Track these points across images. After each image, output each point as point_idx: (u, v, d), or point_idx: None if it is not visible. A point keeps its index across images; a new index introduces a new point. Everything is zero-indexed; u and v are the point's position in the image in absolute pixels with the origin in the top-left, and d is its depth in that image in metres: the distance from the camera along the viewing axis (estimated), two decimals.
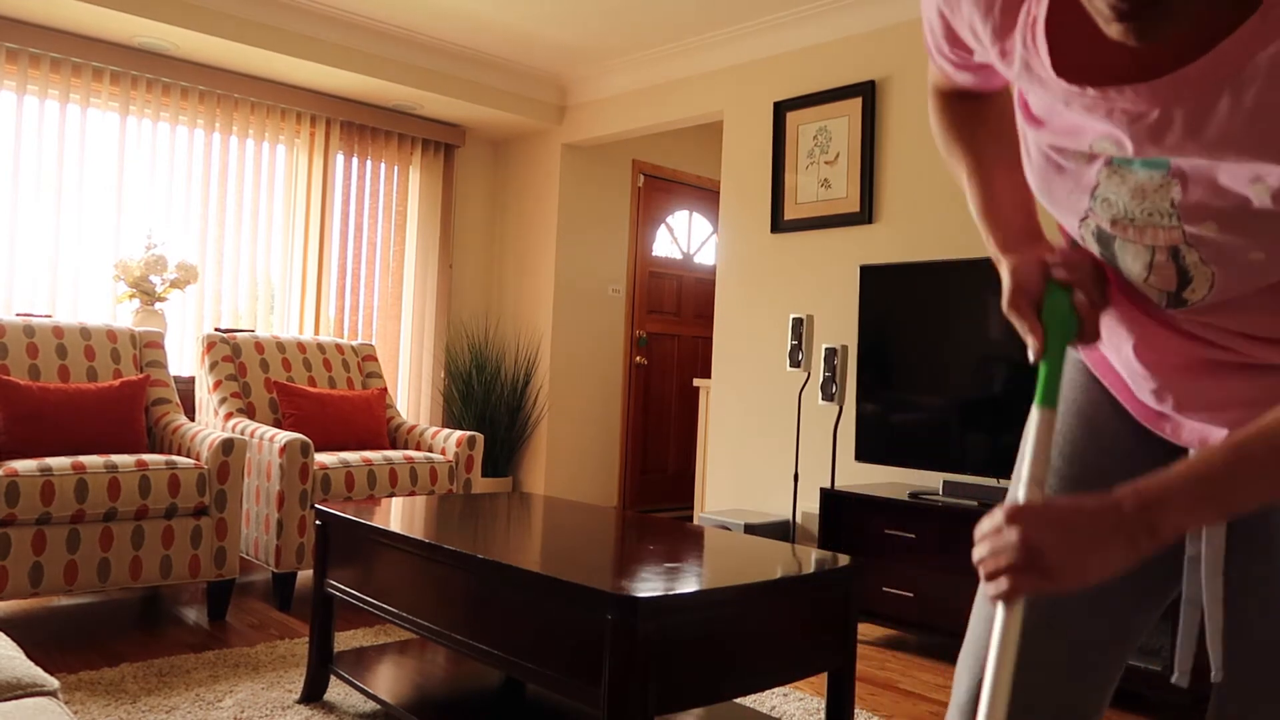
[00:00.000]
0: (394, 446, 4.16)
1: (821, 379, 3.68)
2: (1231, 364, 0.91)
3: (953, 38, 0.96)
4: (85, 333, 3.58)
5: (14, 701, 1.15)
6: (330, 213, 5.12)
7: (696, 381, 4.95)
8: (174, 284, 4.25)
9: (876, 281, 3.64)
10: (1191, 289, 0.87)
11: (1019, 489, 0.93)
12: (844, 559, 2.09)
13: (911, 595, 3.25)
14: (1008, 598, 0.84)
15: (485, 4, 4.40)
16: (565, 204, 5.60)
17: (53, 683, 1.23)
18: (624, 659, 1.66)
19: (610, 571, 1.97)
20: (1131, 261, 0.89)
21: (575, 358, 5.68)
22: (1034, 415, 0.94)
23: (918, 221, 3.90)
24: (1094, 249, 0.93)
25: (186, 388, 4.21)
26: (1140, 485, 0.81)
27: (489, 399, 5.49)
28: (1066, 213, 0.92)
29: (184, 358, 4.63)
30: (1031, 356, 0.95)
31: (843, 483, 4.01)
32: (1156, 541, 0.80)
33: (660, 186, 6.15)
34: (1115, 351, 1.01)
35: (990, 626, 1.04)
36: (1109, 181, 0.86)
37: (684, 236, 6.32)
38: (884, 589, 3.32)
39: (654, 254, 6.12)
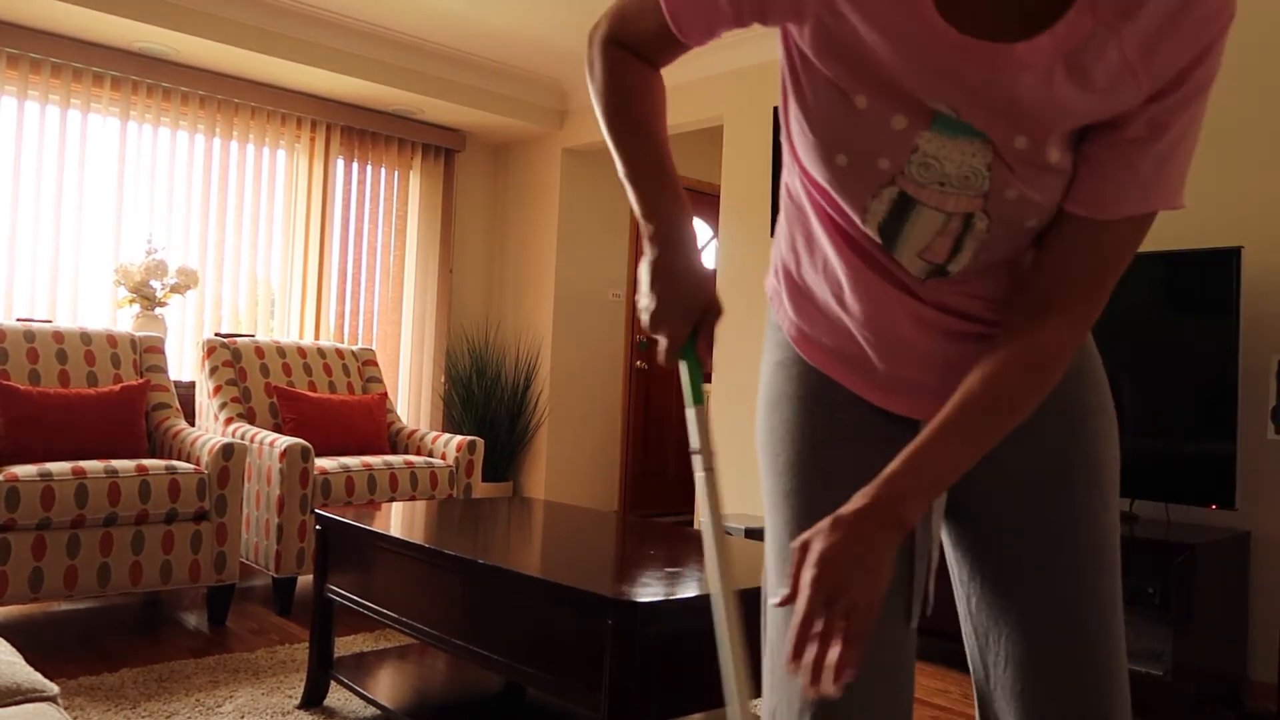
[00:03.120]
0: (394, 451, 4.16)
1: None
2: (944, 329, 0.99)
3: None
4: (85, 337, 3.58)
5: (14, 707, 1.15)
6: (330, 218, 5.13)
7: None
8: (174, 289, 4.25)
9: None
10: (956, 260, 0.95)
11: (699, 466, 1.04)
12: None
13: None
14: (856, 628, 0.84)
15: (485, 9, 4.41)
16: (566, 209, 5.61)
17: (53, 688, 1.22)
18: (625, 664, 1.65)
19: (611, 576, 1.96)
20: (920, 231, 0.94)
21: (576, 362, 5.68)
22: (692, 415, 1.04)
23: None
24: (877, 217, 0.94)
25: (187, 392, 4.21)
26: (879, 487, 0.87)
27: (489, 403, 5.49)
28: (855, 175, 0.93)
29: (184, 363, 4.62)
30: (660, 358, 1.04)
31: None
32: (907, 529, 0.87)
33: None
34: (854, 334, 1.05)
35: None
36: (932, 144, 0.89)
37: None
38: None
39: None
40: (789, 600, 0.85)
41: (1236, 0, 0.83)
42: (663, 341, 1.03)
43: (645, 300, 1.03)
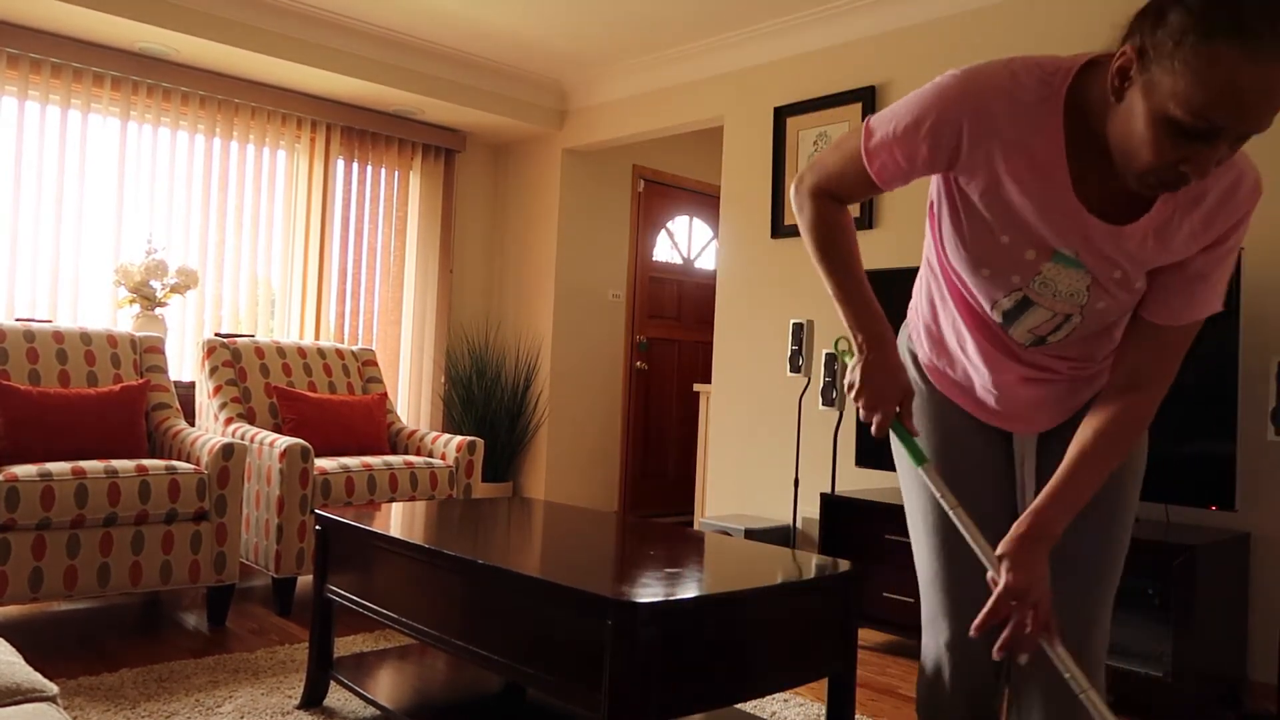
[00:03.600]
0: (394, 451, 4.16)
1: (822, 384, 3.68)
2: (1042, 380, 1.45)
3: (940, 146, 1.28)
4: (85, 338, 3.58)
5: (14, 707, 1.15)
6: (330, 218, 5.13)
7: (697, 386, 4.95)
8: (174, 289, 4.25)
9: (876, 286, 3.62)
10: (1053, 337, 1.39)
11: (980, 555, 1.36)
12: (844, 564, 2.09)
13: (912, 600, 3.24)
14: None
15: (486, 9, 4.41)
16: (566, 209, 5.61)
17: (52, 688, 1.22)
18: (625, 664, 1.65)
19: (611, 576, 1.96)
20: (1032, 320, 1.37)
21: (576, 363, 5.68)
22: (922, 474, 1.43)
23: (917, 227, 3.90)
24: (1002, 307, 1.38)
25: (187, 393, 4.21)
26: (1032, 518, 1.31)
27: (489, 404, 5.49)
28: (992, 281, 1.35)
29: (184, 363, 4.63)
30: (874, 432, 1.43)
31: (843, 488, 4.00)
32: (1054, 542, 1.31)
33: (661, 191, 6.15)
34: (974, 380, 1.50)
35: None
36: (1051, 271, 1.31)
37: (684, 241, 6.33)
38: (885, 594, 3.32)
39: (654, 259, 6.12)
40: (983, 627, 1.30)
41: (1262, 181, 1.24)
42: (877, 419, 1.42)
43: (858, 390, 1.42)
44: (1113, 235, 1.25)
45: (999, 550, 1.31)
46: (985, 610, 1.28)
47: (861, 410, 1.42)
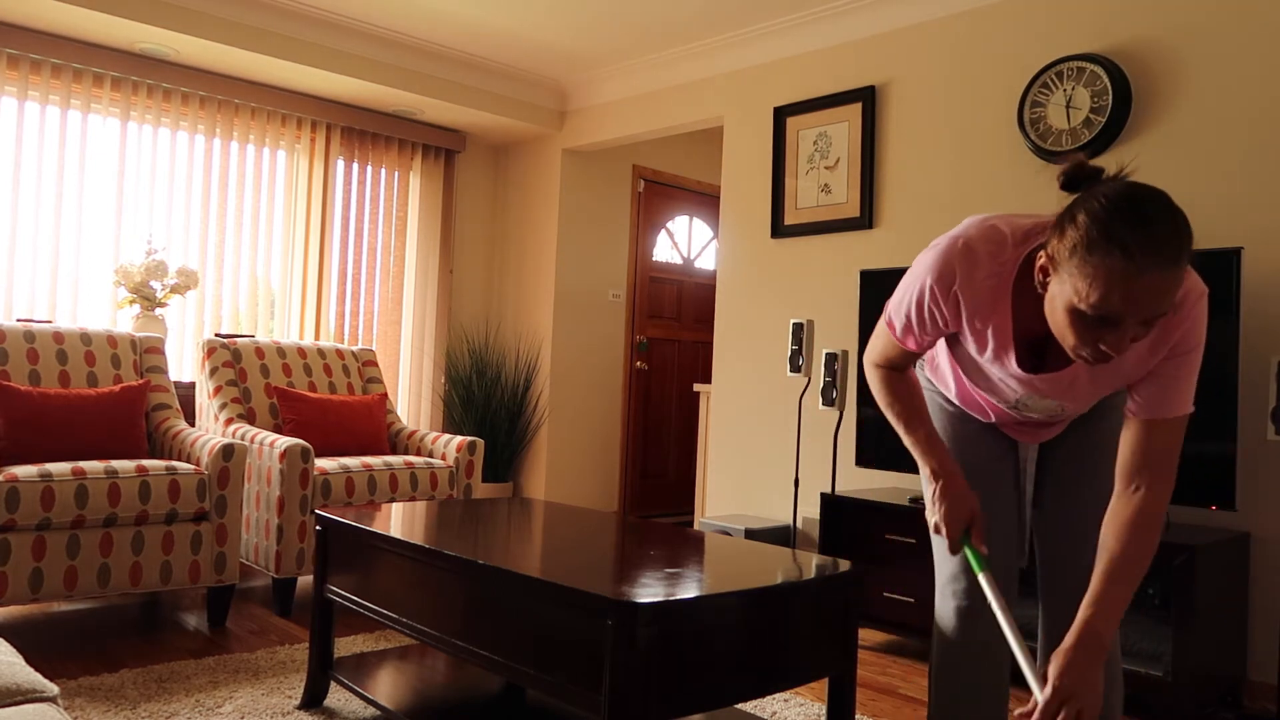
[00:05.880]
0: (394, 452, 4.16)
1: (822, 384, 3.68)
2: (1046, 423, 1.75)
3: (936, 325, 1.60)
4: (86, 338, 3.58)
5: (14, 708, 1.15)
6: (330, 218, 5.13)
7: (697, 386, 4.95)
8: (174, 289, 4.25)
9: (877, 286, 3.64)
10: (1054, 415, 1.68)
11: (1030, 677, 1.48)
12: (845, 564, 2.09)
13: (912, 600, 3.24)
14: None
15: (485, 9, 4.41)
16: (565, 209, 5.61)
17: (52, 688, 1.22)
18: (625, 664, 1.65)
19: (611, 577, 1.96)
20: (1031, 406, 1.65)
21: (576, 363, 5.68)
22: (984, 580, 1.61)
23: (918, 226, 3.90)
24: (1008, 402, 1.67)
25: (187, 393, 4.21)
26: (1081, 629, 1.43)
27: (489, 404, 5.49)
28: (989, 393, 1.68)
29: (184, 363, 4.63)
30: (949, 548, 1.66)
31: (843, 488, 4.00)
32: (1106, 649, 1.43)
33: (660, 191, 6.15)
34: (998, 420, 1.79)
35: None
36: (1028, 398, 1.62)
37: (684, 241, 6.33)
38: (885, 594, 3.32)
39: (654, 259, 6.12)
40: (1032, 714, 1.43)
41: (1200, 282, 1.45)
42: (949, 535, 1.64)
43: (935, 510, 1.66)
44: (1063, 379, 1.54)
45: (1053, 660, 1.43)
46: (1037, 710, 1.39)
47: (938, 526, 1.66)
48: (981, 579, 1.60)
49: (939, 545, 1.81)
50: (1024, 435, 1.80)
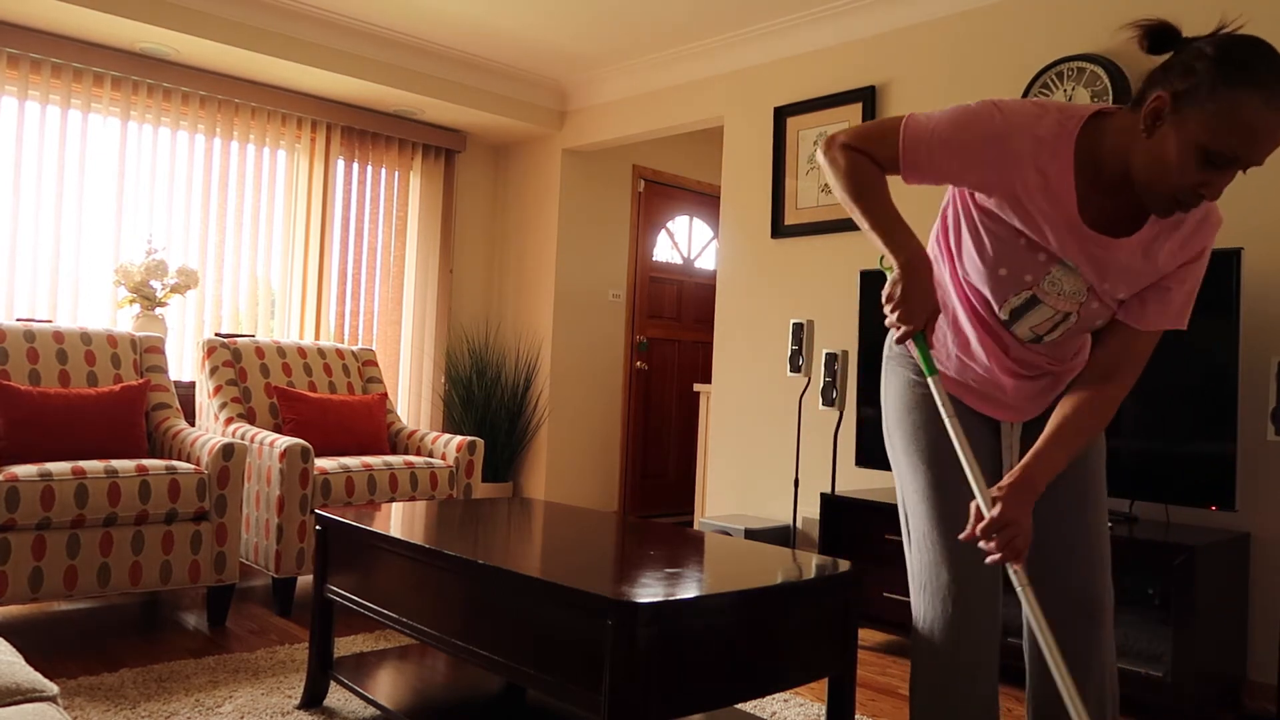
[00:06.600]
0: (394, 451, 4.16)
1: (822, 384, 3.68)
2: (1027, 375, 1.71)
3: (969, 165, 1.54)
4: (86, 338, 3.58)
5: (14, 707, 1.15)
6: (331, 218, 5.13)
7: (697, 387, 4.95)
8: (174, 289, 4.25)
9: (877, 286, 3.64)
10: (1050, 335, 1.64)
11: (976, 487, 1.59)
12: (844, 564, 2.09)
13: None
14: (1018, 559, 1.54)
15: (486, 9, 4.41)
16: (566, 209, 5.61)
17: (52, 688, 1.22)
18: (624, 664, 1.65)
19: (611, 577, 1.96)
20: (1034, 318, 1.62)
21: (576, 363, 5.68)
22: (930, 383, 1.63)
23: (918, 227, 3.89)
24: (1011, 305, 1.62)
25: (187, 393, 4.21)
26: (1021, 472, 1.55)
27: (489, 404, 5.49)
28: (1008, 281, 1.60)
29: (184, 363, 4.63)
30: (899, 337, 1.57)
31: (843, 488, 4.00)
32: (1038, 495, 1.56)
33: (661, 191, 6.15)
34: (969, 375, 1.75)
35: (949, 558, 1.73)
36: (1060, 272, 1.57)
37: (684, 241, 6.33)
38: (885, 594, 3.32)
39: (654, 259, 6.12)
40: (970, 536, 1.56)
41: (1222, 218, 1.66)
42: (904, 329, 1.56)
43: (896, 303, 1.56)
44: (1107, 246, 1.52)
45: (992, 492, 1.55)
46: (971, 525, 1.55)
47: (894, 320, 1.57)
48: (930, 382, 1.63)
49: (913, 538, 1.75)
50: (1006, 405, 1.75)
